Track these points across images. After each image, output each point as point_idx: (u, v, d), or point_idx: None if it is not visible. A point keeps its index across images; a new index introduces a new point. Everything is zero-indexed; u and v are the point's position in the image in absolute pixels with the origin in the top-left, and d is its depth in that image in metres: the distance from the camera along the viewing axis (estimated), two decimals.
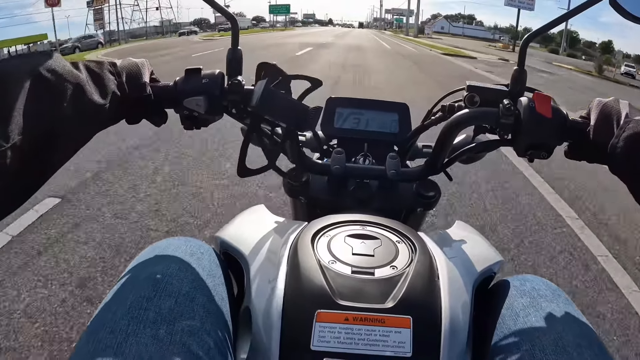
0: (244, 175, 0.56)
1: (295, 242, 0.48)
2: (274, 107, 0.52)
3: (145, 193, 2.63)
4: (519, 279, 0.52)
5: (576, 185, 3.17)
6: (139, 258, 0.49)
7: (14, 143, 0.36)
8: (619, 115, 0.48)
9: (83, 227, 2.18)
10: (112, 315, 0.40)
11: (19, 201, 0.40)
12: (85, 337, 0.39)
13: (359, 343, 0.38)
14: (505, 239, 2.28)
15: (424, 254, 0.46)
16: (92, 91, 0.45)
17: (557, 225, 2.53)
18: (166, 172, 2.98)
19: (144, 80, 0.52)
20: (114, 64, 0.50)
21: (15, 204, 0.39)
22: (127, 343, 0.38)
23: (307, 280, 0.42)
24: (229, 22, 0.57)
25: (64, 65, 0.43)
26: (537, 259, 2.11)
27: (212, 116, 0.56)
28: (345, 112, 0.74)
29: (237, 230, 0.58)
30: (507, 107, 0.53)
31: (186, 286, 0.44)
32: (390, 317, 0.39)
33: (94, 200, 2.50)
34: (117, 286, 0.45)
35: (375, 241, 0.48)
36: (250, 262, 0.50)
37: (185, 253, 0.49)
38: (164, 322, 0.40)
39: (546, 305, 0.47)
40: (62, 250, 1.97)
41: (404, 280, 0.42)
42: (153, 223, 2.26)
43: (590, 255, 2.20)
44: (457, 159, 0.63)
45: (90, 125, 0.46)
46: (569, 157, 0.56)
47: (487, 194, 2.87)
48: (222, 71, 0.56)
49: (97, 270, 1.82)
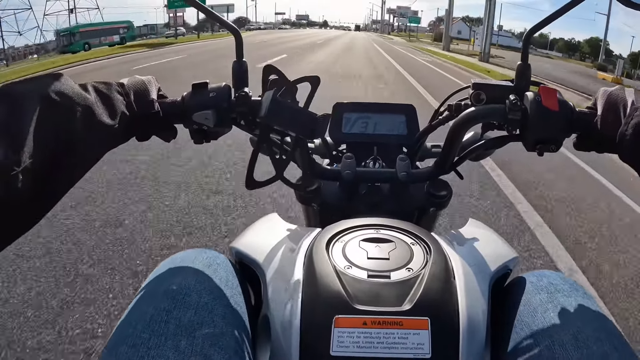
0: (252, 187, 0.56)
1: (310, 249, 0.48)
2: (282, 117, 0.53)
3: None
4: (535, 275, 0.52)
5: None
6: (156, 272, 0.50)
7: (25, 166, 0.36)
8: (626, 104, 0.48)
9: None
10: (132, 330, 0.41)
11: (30, 223, 0.40)
12: (107, 352, 0.40)
13: (378, 347, 0.38)
14: None
15: (438, 254, 0.46)
16: (102, 112, 0.46)
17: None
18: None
19: (151, 98, 0.53)
20: (122, 84, 0.51)
21: (27, 226, 0.40)
22: (149, 356, 0.38)
23: (323, 287, 0.42)
24: (233, 36, 0.58)
25: (72, 87, 0.43)
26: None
27: (221, 129, 0.57)
28: (353, 116, 0.75)
29: (252, 240, 0.58)
30: (514, 102, 0.53)
31: (204, 297, 0.45)
32: (408, 320, 0.39)
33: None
34: (136, 300, 0.45)
35: (389, 244, 0.48)
36: (266, 270, 0.50)
37: (201, 265, 0.50)
38: (185, 334, 0.40)
39: (564, 300, 0.47)
40: None
41: (420, 282, 0.42)
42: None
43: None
44: (466, 157, 0.63)
45: (101, 145, 0.47)
46: (578, 148, 0.55)
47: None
48: (229, 84, 0.57)
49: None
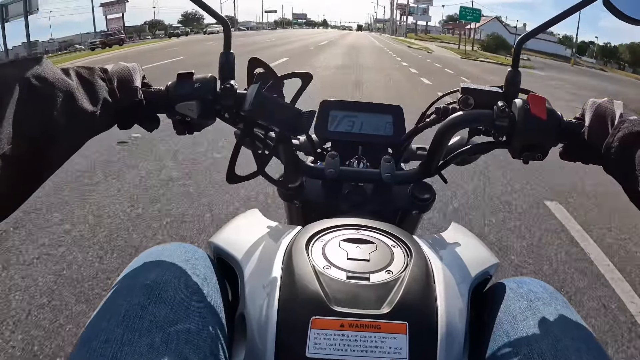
0: (233, 181, 0.55)
1: (290, 247, 0.47)
2: (267, 111, 0.52)
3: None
4: (515, 282, 0.52)
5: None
6: (132, 265, 0.49)
7: (4, 152, 0.36)
8: (613, 116, 0.48)
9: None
10: (106, 324, 0.40)
11: (9, 210, 0.39)
12: (79, 347, 0.39)
13: (355, 350, 0.38)
14: None
15: (419, 258, 0.46)
16: (83, 98, 0.44)
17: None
18: None
19: (135, 86, 0.52)
20: (105, 69, 0.50)
21: (5, 212, 0.39)
22: (122, 352, 0.37)
23: (301, 286, 0.41)
24: (222, 27, 0.57)
25: (54, 72, 0.42)
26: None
27: (204, 121, 0.56)
28: (339, 115, 0.74)
29: (231, 236, 0.57)
30: (502, 108, 0.53)
31: (181, 293, 0.44)
32: (386, 323, 0.39)
33: None
34: (111, 294, 0.44)
35: (370, 245, 0.48)
36: (244, 267, 0.49)
37: (179, 259, 0.49)
38: (160, 330, 0.40)
39: (543, 309, 0.47)
40: None
41: (399, 285, 0.42)
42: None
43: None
44: (451, 161, 0.63)
45: (82, 133, 0.46)
46: (564, 158, 0.56)
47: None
48: (215, 75, 0.55)
49: None
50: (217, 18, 0.57)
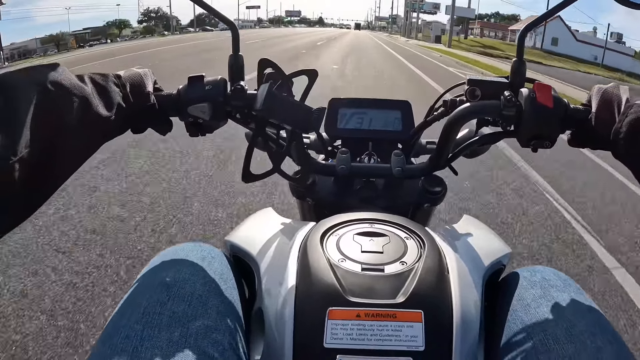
0: (249, 180, 0.56)
1: (305, 242, 0.48)
2: (278, 110, 0.53)
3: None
4: (528, 270, 0.52)
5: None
6: (151, 264, 0.50)
7: (22, 156, 0.36)
8: (620, 101, 0.48)
9: None
10: (126, 321, 0.41)
11: (26, 213, 0.40)
12: (101, 342, 0.40)
13: (372, 339, 0.38)
14: None
15: (432, 249, 0.46)
16: (98, 103, 0.46)
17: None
18: None
19: (147, 90, 0.53)
20: (119, 75, 0.51)
21: (22, 216, 0.40)
22: (142, 347, 0.38)
23: (317, 279, 0.42)
24: (230, 29, 0.58)
25: (69, 78, 0.43)
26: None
27: (216, 122, 0.57)
28: (348, 112, 0.75)
29: (246, 234, 0.58)
30: (509, 98, 0.53)
31: (199, 290, 0.45)
32: (402, 312, 0.39)
33: None
34: (130, 292, 0.45)
35: (383, 238, 0.48)
36: (260, 263, 0.50)
37: (196, 258, 0.50)
38: (178, 326, 0.41)
39: (557, 295, 0.47)
40: None
41: (413, 275, 0.42)
42: None
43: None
44: (461, 153, 0.63)
45: (96, 137, 0.47)
46: (572, 144, 0.56)
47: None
48: (225, 77, 0.57)
49: None
50: (224, 21, 0.58)
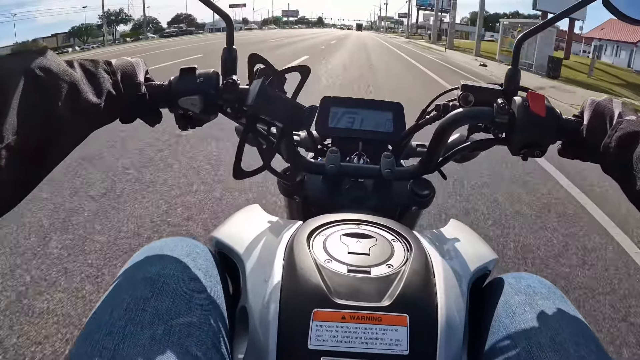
0: (240, 177, 0.55)
1: (291, 241, 0.48)
2: (269, 107, 0.52)
3: None
4: (513, 277, 0.53)
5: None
6: (134, 258, 0.49)
7: (8, 143, 0.36)
8: (612, 115, 0.49)
9: None
10: (108, 317, 0.40)
11: (13, 201, 0.39)
12: (82, 339, 0.39)
13: (356, 341, 0.38)
14: None
15: (419, 252, 0.46)
16: (87, 90, 0.44)
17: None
18: None
19: (138, 80, 0.52)
20: (109, 62, 0.50)
21: (9, 204, 0.39)
22: (124, 344, 0.37)
23: (303, 279, 0.42)
24: (225, 22, 0.57)
25: (58, 64, 0.42)
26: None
27: (207, 116, 0.56)
28: (340, 111, 0.75)
29: (232, 230, 0.58)
30: (502, 106, 0.53)
31: (183, 286, 0.44)
32: (387, 315, 0.39)
33: None
34: (113, 287, 0.44)
35: (370, 240, 0.48)
36: (246, 261, 0.50)
37: (181, 253, 0.49)
38: (161, 323, 0.40)
39: (542, 303, 0.48)
40: None
41: (399, 278, 0.42)
42: None
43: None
44: (451, 158, 0.64)
45: (85, 124, 0.46)
46: (562, 155, 0.56)
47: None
48: (217, 70, 0.56)
49: None
50: (220, 14, 0.57)
